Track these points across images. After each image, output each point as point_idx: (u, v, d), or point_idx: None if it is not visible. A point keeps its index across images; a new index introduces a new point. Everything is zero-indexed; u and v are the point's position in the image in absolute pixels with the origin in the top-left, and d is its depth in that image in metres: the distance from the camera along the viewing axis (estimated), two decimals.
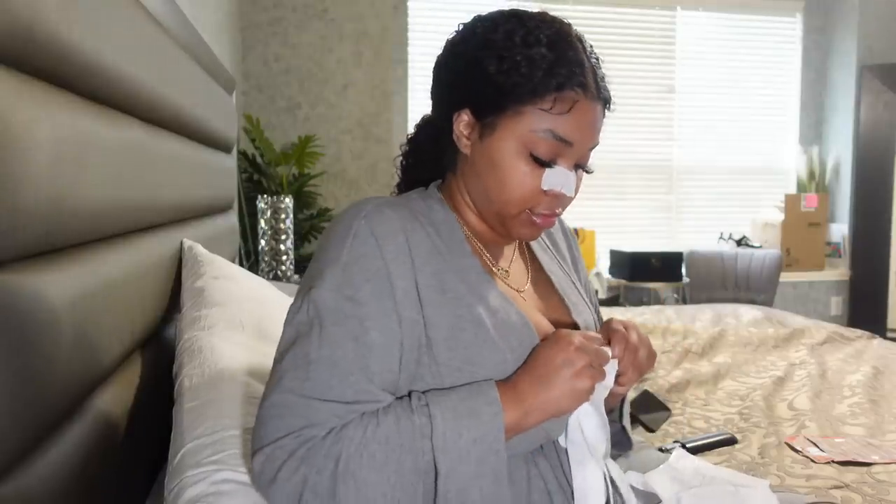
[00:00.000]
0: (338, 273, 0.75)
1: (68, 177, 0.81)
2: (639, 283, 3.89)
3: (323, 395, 0.71)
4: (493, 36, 0.80)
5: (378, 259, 0.75)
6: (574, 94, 0.79)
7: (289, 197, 2.81)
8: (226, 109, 2.18)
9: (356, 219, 0.77)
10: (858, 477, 1.27)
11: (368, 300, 0.74)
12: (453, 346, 0.77)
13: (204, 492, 0.81)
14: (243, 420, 0.94)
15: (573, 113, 0.79)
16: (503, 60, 0.79)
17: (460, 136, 0.85)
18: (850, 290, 4.39)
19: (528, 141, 0.80)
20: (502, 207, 0.83)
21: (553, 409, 0.76)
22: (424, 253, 0.79)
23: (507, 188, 0.82)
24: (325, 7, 3.77)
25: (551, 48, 0.79)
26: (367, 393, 0.72)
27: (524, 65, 0.78)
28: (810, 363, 2.07)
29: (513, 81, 0.78)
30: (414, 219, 0.81)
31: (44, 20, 0.75)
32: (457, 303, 0.79)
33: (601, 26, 4.16)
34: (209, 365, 1.05)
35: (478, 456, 0.72)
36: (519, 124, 0.80)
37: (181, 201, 1.50)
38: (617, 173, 4.29)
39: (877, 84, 4.12)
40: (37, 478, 0.72)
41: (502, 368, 0.79)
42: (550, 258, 1.01)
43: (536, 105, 0.79)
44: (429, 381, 0.77)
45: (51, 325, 0.76)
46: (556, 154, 0.80)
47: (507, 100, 0.79)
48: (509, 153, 0.80)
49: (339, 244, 0.77)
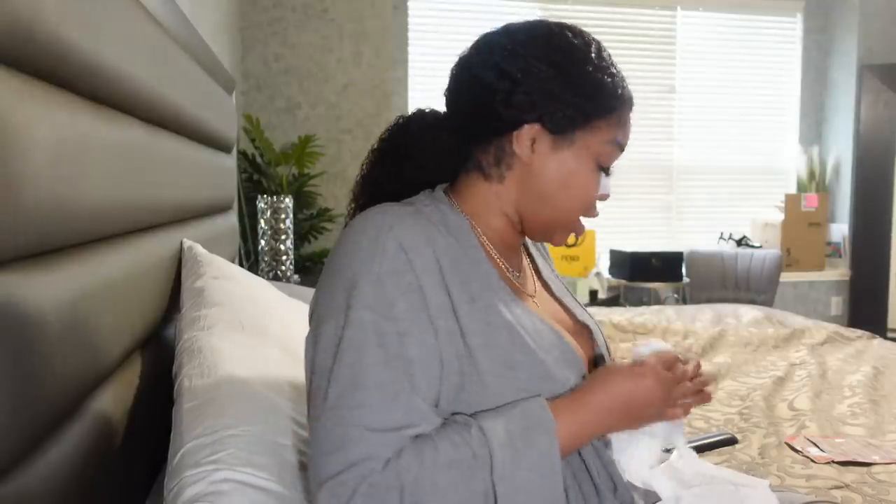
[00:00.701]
0: (372, 290, 0.73)
1: (68, 177, 0.81)
2: (639, 283, 3.89)
3: (376, 424, 0.70)
4: (569, 47, 0.84)
5: (410, 273, 0.75)
6: (628, 107, 0.88)
7: (289, 197, 2.81)
8: (226, 109, 2.18)
9: (381, 231, 0.76)
10: (858, 477, 1.27)
11: (405, 316, 0.73)
12: (491, 352, 0.77)
13: (203, 491, 0.81)
14: (243, 420, 0.94)
15: (626, 121, 0.88)
16: (586, 76, 0.83)
17: (524, 146, 0.84)
18: (850, 290, 4.39)
19: (597, 152, 0.85)
20: (563, 215, 0.87)
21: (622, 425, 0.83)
22: (449, 263, 0.79)
23: (576, 196, 0.86)
24: (325, 7, 3.77)
25: (614, 66, 0.87)
26: (416, 412, 0.72)
27: (605, 82, 0.84)
28: (810, 363, 2.07)
29: (597, 98, 0.84)
30: (433, 227, 0.80)
31: (44, 20, 0.75)
32: (487, 310, 0.79)
33: (601, 26, 4.16)
34: (209, 365, 1.05)
35: (537, 485, 0.72)
36: (595, 137, 0.85)
37: (181, 201, 1.50)
38: (617, 173, 4.25)
39: (877, 84, 4.12)
40: (37, 478, 0.71)
41: (541, 370, 0.79)
42: (545, 266, 1.03)
43: (605, 119, 0.85)
44: (472, 390, 0.76)
45: (51, 325, 0.76)
46: (613, 162, 0.88)
47: (589, 116, 0.84)
48: (585, 164, 0.85)
49: (368, 259, 0.75)
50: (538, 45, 0.83)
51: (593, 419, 0.78)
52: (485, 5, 4.02)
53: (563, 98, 0.82)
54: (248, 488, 0.83)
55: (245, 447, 0.88)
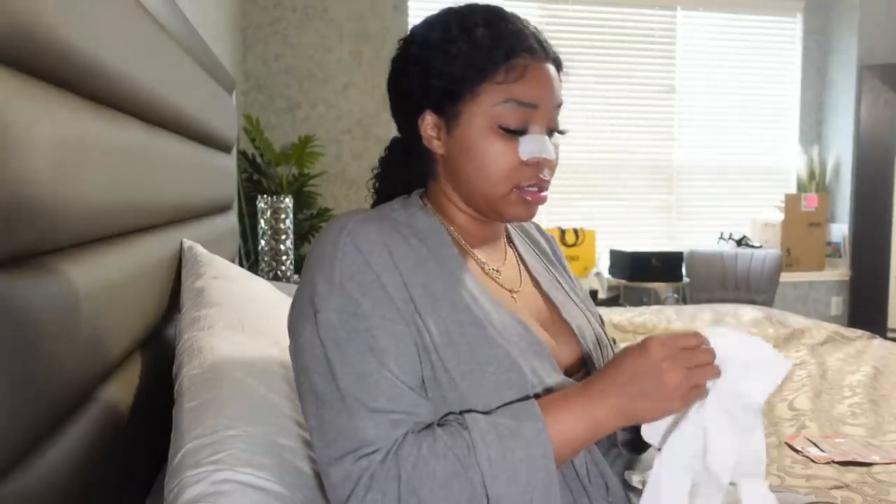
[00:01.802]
0: (335, 293, 0.76)
1: (68, 177, 0.81)
2: (639, 283, 3.89)
3: (365, 409, 0.73)
4: (431, 34, 0.84)
5: (370, 272, 0.77)
6: (523, 59, 0.81)
7: (289, 197, 2.81)
8: (226, 109, 2.18)
9: (340, 235, 0.78)
10: (858, 477, 1.27)
11: (371, 312, 0.76)
12: (456, 350, 0.78)
13: (203, 492, 0.81)
14: (243, 420, 0.94)
15: (528, 77, 0.81)
16: (447, 52, 0.82)
17: (430, 139, 0.87)
18: (850, 290, 4.39)
19: (493, 117, 0.81)
20: (490, 191, 0.84)
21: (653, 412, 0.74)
22: (410, 265, 0.80)
23: (487, 169, 0.83)
24: (325, 7, 3.77)
25: (488, 26, 0.82)
26: (400, 396, 0.74)
27: (467, 48, 0.81)
28: (810, 363, 2.07)
29: (461, 67, 0.81)
30: (395, 231, 0.82)
31: (44, 20, 0.75)
32: (451, 308, 0.80)
33: (601, 26, 4.15)
34: (209, 365, 1.05)
35: (526, 476, 0.71)
36: (480, 105, 0.82)
37: (181, 201, 1.50)
38: (617, 173, 4.29)
39: (877, 84, 4.12)
40: (37, 478, 0.71)
41: (507, 362, 0.79)
42: (536, 260, 1.02)
43: (490, 81, 0.81)
44: (445, 385, 0.77)
45: (50, 325, 0.76)
46: (525, 121, 0.82)
47: (462, 86, 0.82)
48: (480, 135, 0.82)
49: (329, 263, 0.78)
50: (417, 36, 0.86)
51: (598, 402, 0.74)
52: None
53: (432, 80, 0.83)
54: (249, 489, 0.83)
55: (245, 447, 0.88)
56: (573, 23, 4.12)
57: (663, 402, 0.73)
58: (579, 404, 0.75)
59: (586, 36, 4.15)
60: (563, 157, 0.93)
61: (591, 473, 0.82)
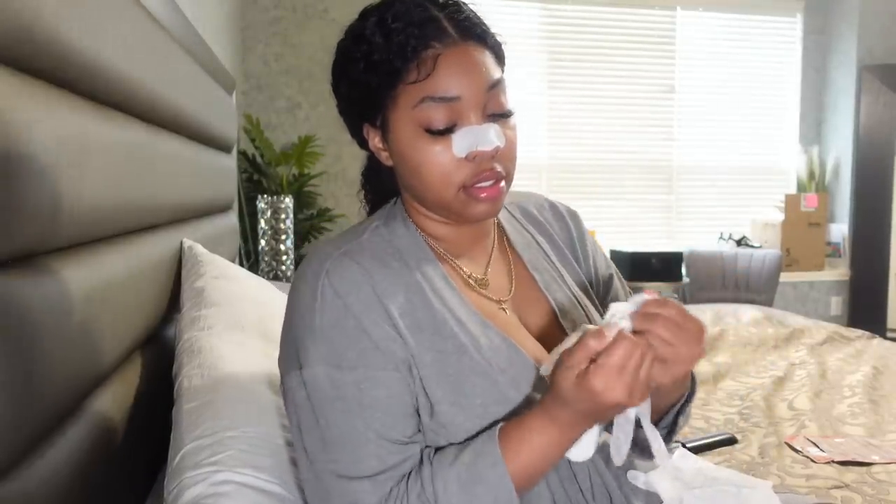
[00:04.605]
0: (318, 343, 0.75)
1: (68, 177, 0.81)
2: (639, 283, 3.88)
3: (353, 473, 0.73)
4: (346, 44, 0.80)
5: (350, 318, 0.75)
6: (432, 50, 0.75)
7: (289, 197, 2.81)
8: (226, 109, 2.18)
9: (318, 279, 0.76)
10: (858, 477, 1.27)
11: (356, 363, 0.74)
12: (441, 381, 0.76)
13: (203, 493, 0.81)
14: (243, 421, 0.94)
15: (440, 69, 0.75)
16: (356, 63, 0.78)
17: (378, 151, 0.83)
18: (850, 290, 4.39)
19: (415, 120, 0.76)
20: (436, 196, 0.79)
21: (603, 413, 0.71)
22: (393, 293, 0.77)
23: (424, 175, 0.78)
24: (325, 7, 3.77)
25: (386, 22, 0.76)
26: (388, 456, 0.74)
27: (374, 51, 0.76)
28: (810, 363, 2.07)
29: (373, 74, 0.77)
30: (376, 259, 0.79)
31: (44, 20, 0.75)
32: (435, 337, 0.78)
33: (601, 26, 4.15)
34: (209, 365, 1.05)
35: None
36: (400, 110, 0.77)
37: (181, 201, 1.50)
38: (617, 173, 4.29)
39: (877, 84, 4.12)
40: (37, 478, 0.71)
41: (496, 392, 0.77)
42: (536, 253, 0.94)
43: (404, 82, 0.76)
44: (433, 418, 0.77)
45: (50, 325, 0.76)
46: (450, 116, 0.76)
47: (379, 94, 0.78)
48: (408, 141, 0.77)
49: (309, 313, 0.76)
50: (337, 54, 0.83)
51: (555, 429, 0.72)
52: (485, 5, 4.01)
53: (356, 90, 0.80)
54: (249, 490, 0.83)
55: (245, 448, 0.88)
56: (573, 23, 4.11)
57: (603, 409, 0.69)
58: (540, 432, 0.73)
59: (586, 36, 4.14)
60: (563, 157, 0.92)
61: (594, 486, 0.82)
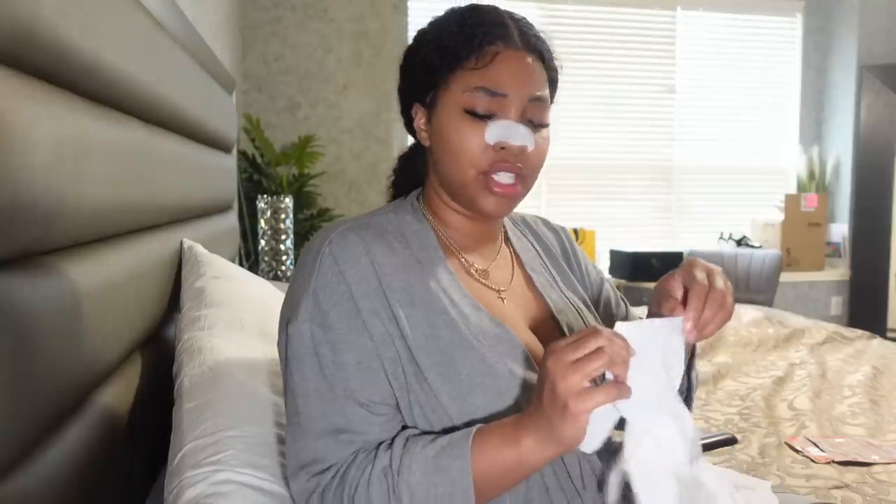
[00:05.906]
0: (309, 303, 0.79)
1: (68, 177, 0.81)
2: (639, 283, 3.88)
3: (318, 428, 0.77)
4: (420, 33, 0.89)
5: (342, 283, 0.79)
6: (494, 47, 0.83)
7: (289, 197, 2.81)
8: (226, 109, 2.18)
9: (322, 247, 0.82)
10: (858, 477, 1.27)
11: (338, 325, 0.78)
12: (432, 351, 0.80)
13: (203, 492, 0.81)
14: (243, 421, 0.94)
15: (497, 64, 0.82)
16: (426, 45, 0.86)
17: (420, 130, 0.90)
18: (850, 290, 4.39)
19: (462, 102, 0.83)
20: (459, 175, 0.84)
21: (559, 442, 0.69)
22: (391, 269, 0.82)
23: (456, 153, 0.84)
24: (325, 7, 3.77)
25: (464, 18, 0.85)
26: (355, 415, 0.77)
27: (443, 39, 0.85)
28: (810, 363, 2.07)
29: (437, 56, 0.85)
30: (380, 237, 0.84)
31: (44, 20, 0.75)
32: (428, 311, 0.81)
33: (601, 26, 4.15)
34: (209, 365, 1.05)
35: None
36: (451, 92, 0.84)
37: (181, 201, 1.50)
38: (617, 173, 4.29)
39: (877, 84, 4.12)
40: (37, 478, 0.71)
41: (483, 366, 0.80)
42: (535, 258, 1.01)
43: (462, 68, 0.83)
44: (419, 389, 0.79)
45: (50, 324, 0.76)
46: (493, 108, 0.82)
47: (436, 74, 0.85)
48: (451, 120, 0.84)
49: (308, 274, 0.81)
50: (413, 40, 0.91)
51: (522, 435, 0.71)
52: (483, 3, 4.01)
53: (418, 69, 0.87)
54: (249, 489, 0.83)
55: (245, 448, 0.88)
56: (573, 23, 4.12)
57: (566, 421, 0.67)
58: (506, 443, 0.72)
59: (586, 36, 4.14)
60: (563, 157, 0.94)
61: (584, 474, 0.82)
